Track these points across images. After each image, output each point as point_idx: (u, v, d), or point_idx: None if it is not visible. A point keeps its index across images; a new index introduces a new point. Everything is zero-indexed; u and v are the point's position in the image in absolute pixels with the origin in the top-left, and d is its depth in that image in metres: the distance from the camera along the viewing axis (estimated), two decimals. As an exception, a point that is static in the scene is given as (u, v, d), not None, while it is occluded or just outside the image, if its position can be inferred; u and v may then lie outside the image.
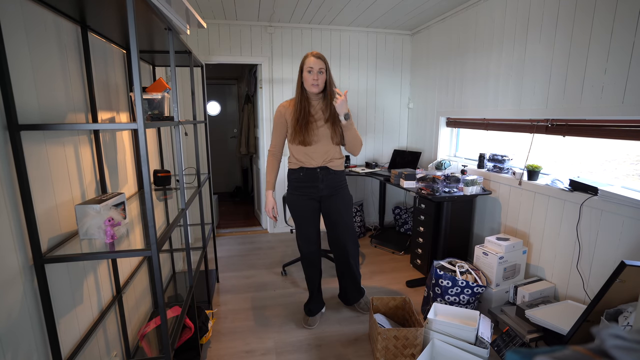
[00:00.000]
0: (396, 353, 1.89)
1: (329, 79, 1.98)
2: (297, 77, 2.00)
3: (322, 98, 2.03)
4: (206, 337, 2.01)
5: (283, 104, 2.09)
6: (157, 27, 1.41)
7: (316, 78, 1.92)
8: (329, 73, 1.98)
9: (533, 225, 2.37)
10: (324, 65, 1.93)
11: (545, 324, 1.81)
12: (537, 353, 0.44)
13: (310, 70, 1.92)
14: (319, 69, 1.92)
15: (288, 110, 2.06)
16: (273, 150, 2.17)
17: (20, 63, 1.05)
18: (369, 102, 4.01)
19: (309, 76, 1.93)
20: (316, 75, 1.92)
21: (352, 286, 2.37)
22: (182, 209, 1.61)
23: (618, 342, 0.39)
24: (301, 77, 1.98)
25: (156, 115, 1.57)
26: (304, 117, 2.00)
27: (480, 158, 2.87)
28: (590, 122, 1.99)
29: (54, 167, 1.21)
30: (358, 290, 2.40)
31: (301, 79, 1.98)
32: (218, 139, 5.75)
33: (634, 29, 1.71)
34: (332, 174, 2.13)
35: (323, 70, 1.93)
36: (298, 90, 2.01)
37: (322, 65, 1.92)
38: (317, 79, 1.93)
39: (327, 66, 1.96)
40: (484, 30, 2.76)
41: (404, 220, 3.88)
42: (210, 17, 3.35)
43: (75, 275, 1.32)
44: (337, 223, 2.17)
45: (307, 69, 1.93)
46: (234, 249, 3.57)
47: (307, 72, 1.94)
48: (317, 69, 1.92)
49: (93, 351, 1.40)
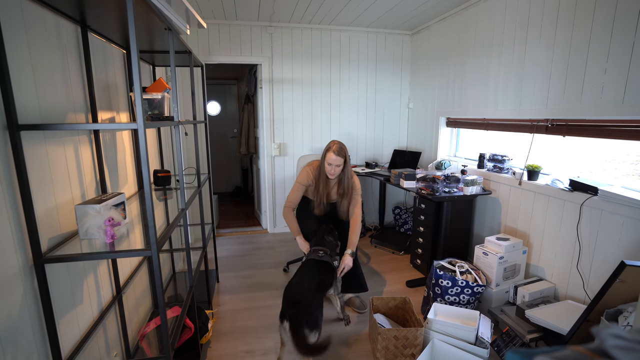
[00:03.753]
0: (396, 353, 1.89)
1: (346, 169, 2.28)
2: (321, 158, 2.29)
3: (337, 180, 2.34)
4: (206, 337, 2.01)
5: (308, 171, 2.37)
6: (157, 27, 1.41)
7: (333, 172, 2.25)
8: (347, 162, 2.27)
9: (533, 225, 2.37)
10: (341, 163, 2.22)
11: (545, 324, 1.81)
12: (537, 353, 0.44)
13: (330, 164, 2.22)
14: (337, 165, 2.21)
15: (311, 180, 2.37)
16: (291, 205, 2.39)
17: (20, 63, 1.05)
18: (369, 102, 4.01)
19: (328, 167, 2.24)
20: (333, 170, 2.23)
21: (352, 274, 2.38)
22: (182, 209, 1.61)
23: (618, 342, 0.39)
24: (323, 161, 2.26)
25: (156, 115, 1.57)
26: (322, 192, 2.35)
27: (480, 158, 2.87)
28: (590, 122, 1.99)
29: (54, 167, 1.21)
30: (359, 284, 2.41)
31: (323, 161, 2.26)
32: (218, 139, 5.75)
33: (634, 29, 1.71)
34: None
35: (340, 165, 2.22)
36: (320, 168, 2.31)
37: (340, 163, 2.21)
38: (334, 172, 2.25)
39: (346, 158, 2.23)
40: (484, 30, 2.76)
41: (404, 220, 3.88)
42: (210, 17, 3.35)
43: (75, 275, 1.32)
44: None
45: (327, 162, 2.22)
46: (234, 249, 3.57)
47: (327, 164, 2.23)
48: (335, 164, 2.21)
49: (93, 351, 1.40)
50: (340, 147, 2.21)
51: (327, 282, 2.09)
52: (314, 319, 1.75)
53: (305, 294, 1.81)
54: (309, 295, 1.81)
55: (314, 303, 1.80)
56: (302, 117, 3.86)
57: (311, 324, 1.72)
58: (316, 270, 2.01)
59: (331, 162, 2.20)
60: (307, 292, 1.82)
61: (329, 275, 2.13)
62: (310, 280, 1.91)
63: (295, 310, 1.73)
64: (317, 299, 1.85)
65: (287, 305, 1.77)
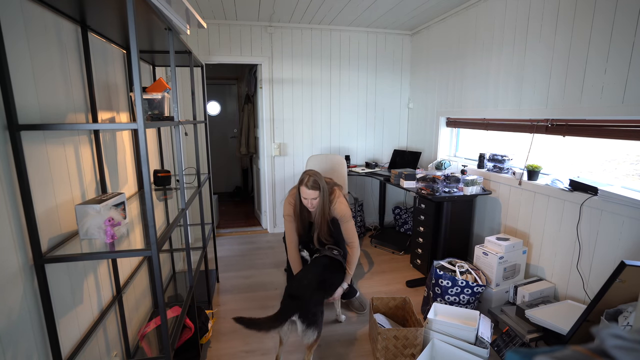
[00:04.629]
0: (396, 353, 1.89)
1: (324, 198, 2.18)
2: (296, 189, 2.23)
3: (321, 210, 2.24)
4: (206, 337, 2.01)
5: (289, 201, 2.29)
6: (157, 27, 1.41)
7: (311, 205, 2.19)
8: (324, 194, 2.17)
9: (533, 225, 2.37)
10: (316, 195, 2.15)
11: (545, 324, 1.81)
12: (537, 353, 0.44)
13: (306, 198, 2.17)
14: (313, 198, 2.15)
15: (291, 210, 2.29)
16: (292, 243, 2.32)
17: (20, 63, 1.05)
18: (369, 102, 4.01)
19: (304, 201, 2.19)
20: (310, 203, 2.18)
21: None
22: (182, 209, 1.61)
23: (618, 342, 0.39)
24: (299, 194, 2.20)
25: (156, 115, 1.57)
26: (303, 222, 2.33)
27: (480, 158, 2.87)
28: (590, 122, 1.99)
29: (54, 167, 1.21)
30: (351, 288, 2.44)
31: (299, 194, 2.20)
32: (218, 139, 5.75)
33: (634, 29, 1.71)
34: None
35: (316, 197, 2.15)
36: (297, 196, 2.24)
37: (315, 196, 2.14)
38: (312, 205, 2.19)
39: (321, 189, 2.15)
40: (484, 30, 2.76)
41: (404, 220, 3.88)
42: (210, 17, 3.35)
43: (75, 275, 1.32)
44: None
45: (303, 197, 2.17)
46: (234, 249, 3.57)
47: (303, 198, 2.18)
48: (310, 198, 2.15)
49: (93, 351, 1.40)
50: (314, 180, 2.12)
51: (333, 281, 2.09)
52: (312, 314, 1.75)
53: (304, 289, 1.82)
54: (308, 291, 1.82)
55: (312, 299, 1.80)
56: (302, 117, 3.86)
57: (308, 320, 1.71)
58: (321, 269, 2.02)
59: (306, 196, 2.15)
60: (307, 288, 1.83)
61: (338, 275, 2.13)
62: (312, 277, 1.91)
63: (292, 302, 1.74)
64: (316, 296, 1.85)
65: (285, 298, 1.78)
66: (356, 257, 2.24)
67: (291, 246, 2.31)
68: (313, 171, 2.18)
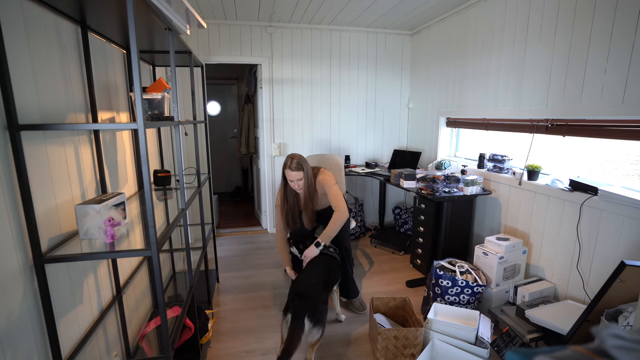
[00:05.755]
0: (396, 353, 1.89)
1: (308, 177, 2.18)
2: (282, 176, 2.22)
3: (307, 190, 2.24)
4: (206, 337, 2.01)
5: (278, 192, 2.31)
6: (157, 27, 1.41)
7: (297, 186, 2.19)
8: (308, 173, 2.17)
9: (533, 225, 2.37)
10: (301, 176, 2.14)
11: (545, 324, 1.81)
12: (537, 353, 0.44)
13: (292, 181, 2.16)
14: (298, 179, 2.14)
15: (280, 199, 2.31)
16: (280, 226, 2.34)
17: (20, 63, 1.05)
18: (369, 101, 4.01)
19: (291, 184, 2.18)
20: (297, 184, 2.17)
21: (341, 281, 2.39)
22: (182, 209, 1.61)
23: (618, 342, 0.39)
24: (285, 179, 2.20)
25: (156, 115, 1.57)
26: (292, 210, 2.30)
27: (480, 158, 2.87)
28: (590, 122, 1.99)
29: (54, 167, 1.21)
30: (346, 291, 2.43)
31: (285, 179, 2.20)
32: (218, 139, 5.75)
33: (634, 29, 1.71)
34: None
35: (301, 178, 2.15)
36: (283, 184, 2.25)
37: (300, 177, 2.14)
38: (298, 186, 2.19)
39: (305, 170, 2.15)
40: (484, 30, 2.76)
41: (404, 220, 3.88)
42: (210, 17, 3.35)
43: (75, 275, 1.32)
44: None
45: (289, 180, 2.16)
46: (234, 249, 3.57)
47: (289, 181, 2.17)
48: (296, 179, 2.14)
49: (93, 351, 1.40)
50: (297, 162, 2.11)
51: (334, 279, 2.11)
52: (319, 313, 1.77)
53: (312, 289, 1.84)
54: (316, 290, 1.84)
55: (320, 298, 1.82)
56: (302, 117, 3.86)
57: (315, 318, 1.73)
58: (324, 268, 2.04)
59: (292, 178, 2.14)
60: (315, 288, 1.85)
61: (337, 272, 2.15)
62: (318, 277, 1.93)
63: (301, 303, 1.74)
64: (323, 295, 1.87)
65: (293, 298, 1.78)
66: (339, 219, 2.16)
67: (279, 236, 2.34)
68: (296, 154, 2.17)
